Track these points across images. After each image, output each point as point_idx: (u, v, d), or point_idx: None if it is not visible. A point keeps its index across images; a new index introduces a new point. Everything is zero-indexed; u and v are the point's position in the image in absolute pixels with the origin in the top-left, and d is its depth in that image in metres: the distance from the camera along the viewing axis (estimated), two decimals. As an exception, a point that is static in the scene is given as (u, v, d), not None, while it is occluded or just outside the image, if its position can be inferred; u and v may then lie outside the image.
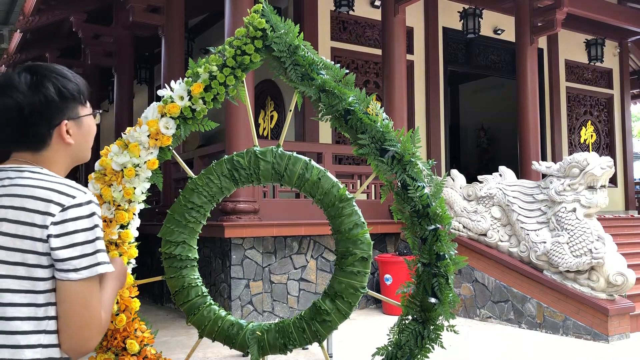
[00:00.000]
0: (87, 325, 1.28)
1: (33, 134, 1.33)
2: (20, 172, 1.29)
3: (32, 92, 1.31)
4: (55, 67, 1.39)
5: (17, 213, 1.24)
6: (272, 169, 2.60)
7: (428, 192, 2.53)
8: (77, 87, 1.40)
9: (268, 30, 2.39)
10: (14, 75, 1.34)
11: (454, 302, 2.55)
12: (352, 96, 2.52)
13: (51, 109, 1.33)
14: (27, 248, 1.24)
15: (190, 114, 2.36)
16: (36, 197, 1.25)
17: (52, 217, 1.24)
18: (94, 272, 1.28)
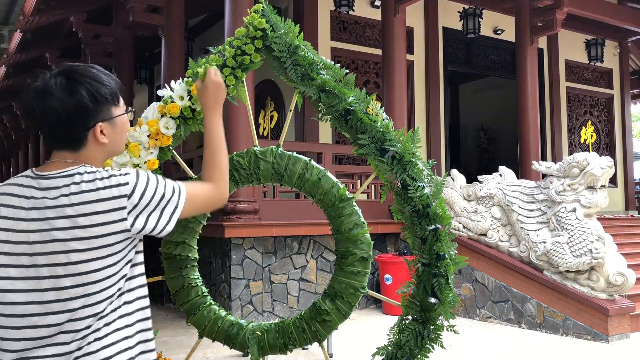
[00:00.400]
0: (210, 201, 1.60)
1: (70, 135, 1.41)
2: (72, 177, 1.37)
3: (67, 96, 1.39)
4: (89, 70, 1.45)
5: (91, 218, 1.34)
6: (272, 169, 2.60)
7: (428, 192, 2.53)
8: (110, 90, 1.46)
9: (268, 30, 2.39)
10: (50, 80, 1.40)
11: (454, 302, 2.55)
12: (352, 96, 2.52)
13: (85, 113, 1.41)
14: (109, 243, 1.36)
15: (191, 114, 2.36)
16: (102, 199, 1.35)
17: (125, 208, 1.37)
18: (177, 215, 1.46)
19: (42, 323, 1.33)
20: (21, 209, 1.36)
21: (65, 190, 1.35)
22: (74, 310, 1.33)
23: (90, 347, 1.35)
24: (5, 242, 1.35)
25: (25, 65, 12.68)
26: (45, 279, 1.33)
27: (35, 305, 1.33)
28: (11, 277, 1.34)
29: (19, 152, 22.54)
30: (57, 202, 1.35)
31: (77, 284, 1.34)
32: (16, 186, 1.40)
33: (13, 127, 20.78)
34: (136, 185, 1.39)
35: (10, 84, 14.38)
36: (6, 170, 28.13)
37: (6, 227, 1.36)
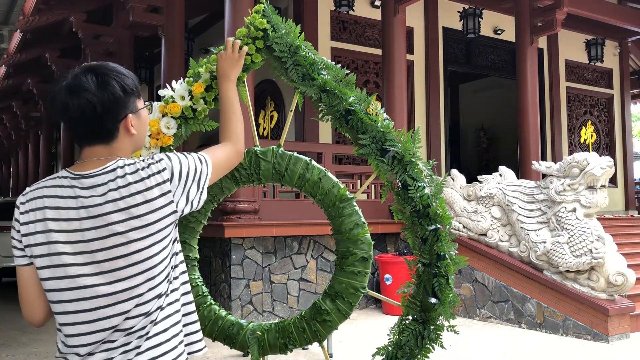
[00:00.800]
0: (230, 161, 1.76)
1: (105, 128, 1.47)
2: (114, 172, 1.43)
3: (101, 91, 1.44)
4: (112, 66, 1.51)
5: (143, 207, 1.41)
6: (272, 169, 2.60)
7: (428, 192, 2.53)
8: (134, 83, 1.54)
9: (269, 31, 2.39)
10: (82, 77, 1.45)
11: (454, 302, 2.56)
12: (352, 96, 2.52)
13: (118, 105, 1.47)
14: (162, 227, 1.44)
15: (192, 114, 2.36)
16: (150, 187, 1.43)
17: (170, 192, 1.46)
18: (207, 184, 1.58)
19: (111, 313, 1.39)
20: (70, 209, 1.41)
21: (113, 185, 1.41)
22: (140, 294, 1.41)
23: (156, 327, 1.44)
24: (65, 242, 1.39)
25: (25, 65, 12.68)
26: (108, 273, 1.39)
27: (102, 298, 1.39)
28: (73, 276, 1.39)
29: (19, 152, 22.55)
30: (107, 197, 1.40)
31: (141, 271, 1.41)
32: (56, 187, 1.44)
33: (13, 127, 20.79)
34: (173, 168, 1.49)
35: (10, 84, 14.38)
36: (6, 170, 28.12)
37: (60, 229, 1.40)
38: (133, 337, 1.41)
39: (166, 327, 1.46)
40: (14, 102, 17.44)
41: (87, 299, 1.38)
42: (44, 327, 5.74)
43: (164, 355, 1.44)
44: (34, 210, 1.43)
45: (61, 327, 1.42)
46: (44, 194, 1.44)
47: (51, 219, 1.40)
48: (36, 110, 16.87)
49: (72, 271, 1.38)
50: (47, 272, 1.40)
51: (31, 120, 18.37)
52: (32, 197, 1.45)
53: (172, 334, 1.47)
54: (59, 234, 1.39)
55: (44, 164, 16.81)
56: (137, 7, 8.13)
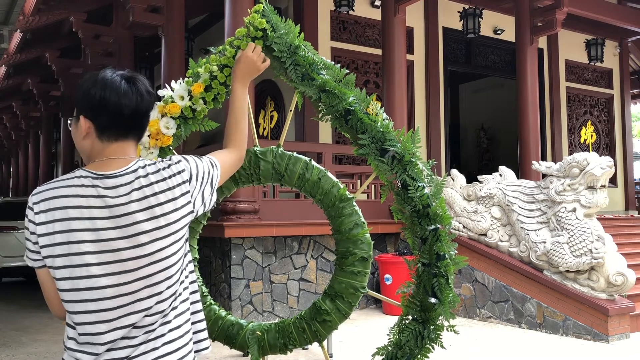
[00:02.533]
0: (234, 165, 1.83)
1: (143, 128, 1.57)
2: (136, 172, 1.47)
3: (143, 96, 1.52)
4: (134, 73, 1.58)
5: (166, 206, 1.47)
6: (272, 169, 2.60)
7: (428, 192, 2.53)
8: None
9: (269, 31, 2.38)
10: (122, 83, 1.50)
11: (454, 302, 2.55)
12: (352, 96, 2.52)
13: (151, 108, 1.58)
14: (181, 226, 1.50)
15: (191, 114, 2.36)
16: (171, 187, 1.49)
17: (188, 193, 1.53)
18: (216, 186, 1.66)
19: (132, 311, 1.42)
20: (93, 208, 1.41)
21: (136, 184, 1.45)
22: (160, 292, 1.45)
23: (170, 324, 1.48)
24: (89, 241, 1.40)
25: (25, 65, 12.69)
26: (131, 272, 1.42)
27: (125, 296, 1.41)
28: (95, 275, 1.40)
29: (19, 152, 22.54)
30: (131, 197, 1.43)
31: (161, 269, 1.45)
32: (76, 187, 1.44)
33: (13, 127, 20.78)
34: (192, 170, 1.56)
35: (10, 84, 14.38)
36: (6, 170, 28.12)
37: (84, 228, 1.40)
38: (150, 334, 1.44)
39: (179, 324, 1.50)
40: (14, 102, 17.44)
41: (110, 298, 1.40)
42: (44, 328, 5.70)
43: (177, 351, 1.48)
44: (52, 210, 1.41)
45: (78, 325, 1.42)
46: (62, 193, 1.42)
47: (74, 219, 1.40)
48: (36, 110, 16.87)
49: (94, 271, 1.39)
50: (65, 272, 1.40)
51: (31, 120, 18.37)
52: (47, 197, 1.43)
53: (184, 330, 1.51)
54: (83, 233, 1.39)
55: (44, 164, 16.80)
56: (137, 7, 8.13)
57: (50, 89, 14.55)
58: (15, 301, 8.70)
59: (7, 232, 9.59)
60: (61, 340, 5.81)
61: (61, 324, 1.47)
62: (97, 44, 10.28)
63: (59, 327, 6.38)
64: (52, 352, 5.46)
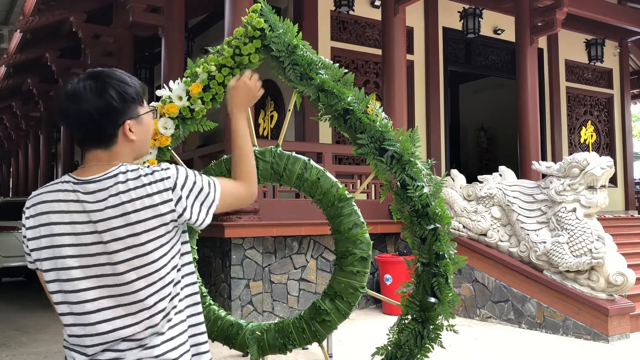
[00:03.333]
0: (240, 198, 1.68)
1: (103, 134, 1.50)
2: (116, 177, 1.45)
3: (97, 98, 1.47)
4: (115, 73, 1.54)
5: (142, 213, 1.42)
6: (271, 169, 2.60)
7: (427, 191, 2.52)
8: (135, 90, 1.55)
9: (267, 30, 2.38)
10: (79, 84, 1.49)
11: (454, 302, 2.55)
12: (351, 96, 2.51)
13: (114, 112, 1.49)
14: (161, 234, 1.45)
15: (189, 114, 2.36)
16: (150, 193, 1.44)
17: (171, 201, 1.46)
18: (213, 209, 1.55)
19: (113, 316, 1.42)
20: (73, 212, 1.44)
21: (113, 190, 1.43)
22: (143, 300, 1.42)
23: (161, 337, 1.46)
24: (70, 245, 1.42)
25: (25, 65, 12.68)
26: (110, 276, 1.41)
27: (106, 299, 1.42)
28: (76, 278, 1.42)
29: (19, 152, 22.55)
30: (107, 203, 1.42)
31: (141, 276, 1.42)
32: (59, 192, 1.47)
33: (13, 127, 20.78)
34: (177, 179, 1.49)
35: (10, 84, 14.38)
36: (6, 170, 28.12)
37: (64, 232, 1.43)
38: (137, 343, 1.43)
39: (172, 336, 1.47)
40: (14, 102, 17.44)
41: (90, 301, 1.41)
42: (44, 328, 5.69)
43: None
44: (38, 215, 1.46)
45: (67, 327, 1.45)
46: (46, 199, 1.47)
47: (55, 223, 1.44)
48: (36, 110, 16.87)
49: (75, 274, 1.41)
50: (52, 274, 1.44)
51: (31, 120, 18.37)
52: (35, 202, 1.48)
53: (178, 342, 1.48)
54: (63, 237, 1.43)
55: (44, 164, 16.81)
56: (137, 7, 8.13)
57: (50, 89, 14.55)
58: (15, 301, 8.70)
59: (7, 232, 9.59)
60: (61, 340, 5.81)
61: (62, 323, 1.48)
62: (97, 44, 10.28)
63: (59, 327, 6.38)
64: (52, 352, 5.46)
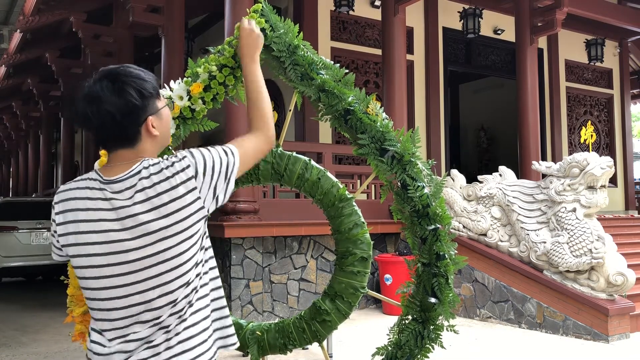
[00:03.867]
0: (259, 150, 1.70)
1: (127, 133, 1.49)
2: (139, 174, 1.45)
3: (117, 98, 1.46)
4: (130, 70, 1.52)
5: (170, 205, 1.44)
6: (271, 169, 2.60)
7: (428, 192, 2.52)
8: (152, 85, 1.54)
9: (267, 30, 2.38)
10: (96, 86, 1.47)
11: (454, 302, 2.55)
12: (351, 96, 2.51)
13: (136, 111, 1.49)
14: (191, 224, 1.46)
15: (190, 114, 2.35)
16: (175, 185, 1.44)
17: (196, 189, 1.47)
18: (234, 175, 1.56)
19: (144, 309, 1.44)
20: (101, 210, 1.45)
21: (139, 186, 1.44)
22: (172, 291, 1.44)
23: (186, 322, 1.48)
24: (96, 243, 1.44)
25: (25, 65, 12.68)
26: (140, 271, 1.43)
27: (135, 295, 1.43)
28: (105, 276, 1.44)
29: (19, 152, 22.55)
30: (134, 199, 1.43)
31: (171, 268, 1.44)
32: (87, 190, 1.48)
33: (13, 127, 20.78)
34: (197, 165, 1.49)
35: (10, 84, 14.38)
36: (6, 170, 28.12)
37: (91, 230, 1.44)
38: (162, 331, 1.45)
39: (195, 321, 1.49)
40: (14, 102, 17.44)
41: (120, 298, 1.44)
42: (44, 328, 5.68)
43: (193, 349, 1.48)
44: (66, 211, 1.48)
45: (97, 322, 1.49)
46: (74, 195, 1.49)
47: (83, 220, 1.45)
48: (36, 110, 16.87)
49: (105, 272, 1.43)
50: (80, 271, 1.47)
51: (31, 120, 18.38)
52: (64, 197, 1.50)
53: (201, 328, 1.51)
54: (91, 235, 1.44)
55: (44, 164, 16.81)
56: (137, 7, 8.13)
57: (50, 89, 14.56)
58: (16, 301, 8.70)
59: (7, 232, 9.58)
60: (61, 340, 5.82)
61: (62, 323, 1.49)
62: (97, 44, 10.28)
63: (59, 327, 6.38)
64: (52, 352, 5.46)
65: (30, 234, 9.56)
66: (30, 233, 9.55)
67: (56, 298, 8.42)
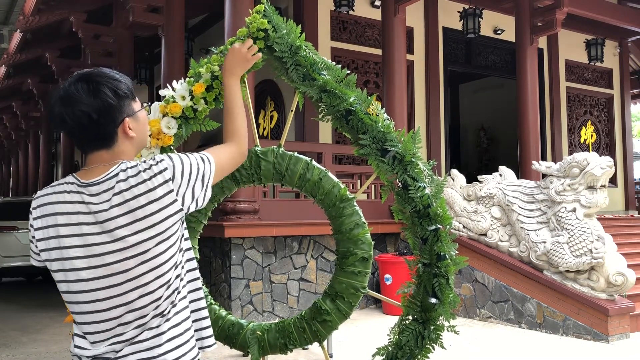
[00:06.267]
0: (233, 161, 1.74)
1: (103, 134, 1.49)
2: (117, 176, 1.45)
3: (93, 98, 1.46)
4: (104, 72, 1.52)
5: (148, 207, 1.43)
6: (273, 169, 2.60)
7: (429, 192, 2.53)
8: (127, 86, 1.54)
9: (270, 31, 2.39)
10: (71, 87, 1.47)
11: (455, 302, 2.56)
12: (353, 96, 2.52)
13: (113, 111, 1.49)
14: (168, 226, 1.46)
15: (192, 114, 2.36)
16: (152, 188, 1.44)
17: (173, 191, 1.47)
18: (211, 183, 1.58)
19: (125, 311, 1.44)
20: (80, 214, 1.44)
21: (116, 189, 1.44)
22: (152, 292, 1.45)
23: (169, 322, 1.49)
24: (77, 247, 1.43)
25: (25, 65, 12.68)
26: (119, 274, 1.43)
27: (116, 298, 1.43)
28: (85, 279, 1.44)
29: (19, 152, 22.54)
30: (111, 202, 1.43)
31: (150, 269, 1.44)
32: (64, 193, 1.47)
33: (13, 127, 20.78)
34: (175, 168, 1.50)
35: (10, 84, 14.38)
36: (6, 170, 28.11)
37: (71, 233, 1.44)
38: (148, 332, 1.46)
39: (179, 321, 1.51)
40: (14, 102, 17.44)
41: (102, 300, 1.43)
42: (44, 328, 5.68)
43: (178, 349, 1.49)
44: (45, 216, 1.48)
45: (79, 325, 1.48)
46: (52, 200, 1.48)
47: (62, 225, 1.45)
48: (36, 110, 16.87)
49: (84, 275, 1.43)
50: (60, 275, 1.46)
51: (31, 120, 18.37)
52: (42, 202, 1.49)
53: (184, 328, 1.52)
54: (70, 238, 1.44)
55: (44, 164, 16.81)
56: (137, 7, 8.13)
57: (50, 89, 14.56)
58: (15, 301, 8.70)
59: (7, 232, 9.58)
60: (61, 340, 5.82)
61: (61, 323, 1.49)
62: (97, 44, 10.27)
63: (59, 327, 6.38)
64: (52, 352, 5.46)
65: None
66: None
67: (56, 298, 8.41)
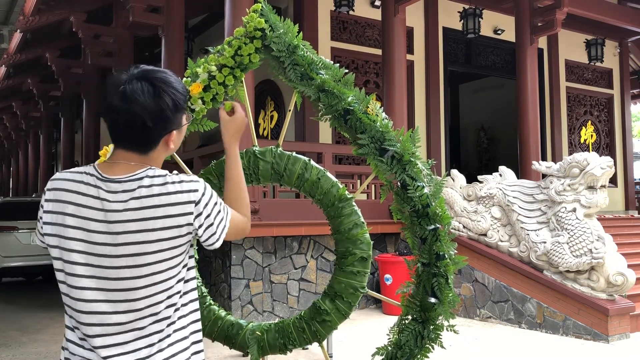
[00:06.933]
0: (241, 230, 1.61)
1: (147, 139, 1.45)
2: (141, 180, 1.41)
3: (155, 104, 1.42)
4: (169, 79, 1.48)
5: (161, 221, 1.38)
6: (271, 169, 2.60)
7: (428, 192, 2.52)
8: (185, 99, 1.52)
9: (267, 30, 2.38)
10: (136, 85, 1.42)
11: (454, 302, 2.55)
12: (351, 96, 2.52)
13: (167, 122, 1.46)
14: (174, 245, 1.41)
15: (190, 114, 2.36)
16: (174, 203, 1.40)
17: (191, 214, 1.42)
18: (224, 234, 1.52)
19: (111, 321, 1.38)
20: (91, 208, 1.40)
21: (136, 193, 1.39)
22: (140, 309, 1.39)
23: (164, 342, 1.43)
24: (79, 240, 1.39)
25: (25, 65, 12.69)
26: (113, 280, 1.38)
27: (104, 303, 1.38)
28: (79, 275, 1.38)
29: (19, 152, 22.55)
30: (128, 205, 1.38)
31: (147, 284, 1.39)
32: (82, 184, 1.43)
33: (13, 127, 20.79)
34: (204, 195, 1.45)
35: (10, 84, 14.39)
36: (6, 170, 28.13)
37: (76, 226, 1.39)
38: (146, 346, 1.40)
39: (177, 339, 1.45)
40: (14, 102, 17.45)
41: (88, 301, 1.38)
42: (44, 328, 5.68)
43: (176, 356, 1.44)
44: (56, 201, 1.42)
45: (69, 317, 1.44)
46: (67, 187, 1.43)
47: (70, 215, 1.40)
48: (36, 110, 16.89)
49: (79, 270, 1.38)
50: (58, 263, 1.41)
51: (31, 120, 18.38)
52: (57, 187, 1.44)
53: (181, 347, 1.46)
54: (75, 231, 1.39)
55: (44, 164, 16.82)
56: (137, 7, 8.13)
57: (50, 89, 14.56)
58: (15, 301, 8.70)
59: (7, 232, 9.58)
60: (61, 340, 5.82)
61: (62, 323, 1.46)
62: (97, 44, 10.28)
63: (59, 327, 6.38)
64: (52, 352, 5.46)
65: (30, 234, 9.55)
66: (30, 233, 9.54)
67: (56, 298, 8.42)
